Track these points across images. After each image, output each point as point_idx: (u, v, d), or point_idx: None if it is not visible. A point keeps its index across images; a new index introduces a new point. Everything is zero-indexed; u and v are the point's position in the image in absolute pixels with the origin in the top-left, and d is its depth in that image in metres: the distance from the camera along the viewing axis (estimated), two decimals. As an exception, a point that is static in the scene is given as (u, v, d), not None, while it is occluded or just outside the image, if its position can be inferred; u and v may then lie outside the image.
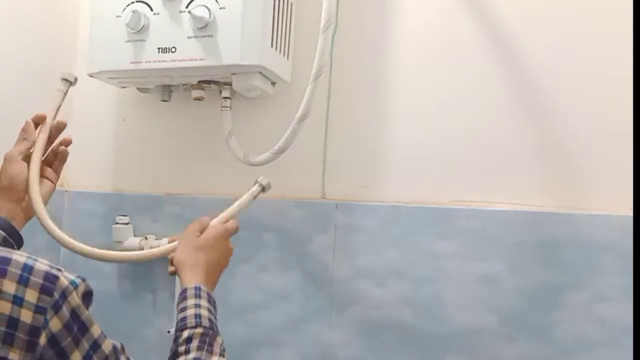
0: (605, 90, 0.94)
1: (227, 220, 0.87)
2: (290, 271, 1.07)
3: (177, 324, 0.74)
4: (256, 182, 0.91)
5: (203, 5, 0.97)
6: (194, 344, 0.71)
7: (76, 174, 1.21)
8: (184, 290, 0.77)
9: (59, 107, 0.92)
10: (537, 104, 0.97)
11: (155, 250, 0.88)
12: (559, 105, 0.96)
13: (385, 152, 1.05)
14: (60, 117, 1.20)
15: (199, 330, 0.72)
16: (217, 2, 0.97)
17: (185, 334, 0.72)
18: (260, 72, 1.00)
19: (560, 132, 0.96)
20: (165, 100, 1.14)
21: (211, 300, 0.78)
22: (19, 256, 0.55)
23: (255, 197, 0.90)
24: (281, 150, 0.98)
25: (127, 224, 1.15)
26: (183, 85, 1.10)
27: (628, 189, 0.88)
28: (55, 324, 0.54)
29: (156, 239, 1.14)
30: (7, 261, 0.54)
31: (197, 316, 0.73)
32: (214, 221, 0.86)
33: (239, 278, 1.10)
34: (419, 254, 1.00)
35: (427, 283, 0.99)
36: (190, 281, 0.78)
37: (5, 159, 0.86)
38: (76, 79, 0.93)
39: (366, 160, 1.06)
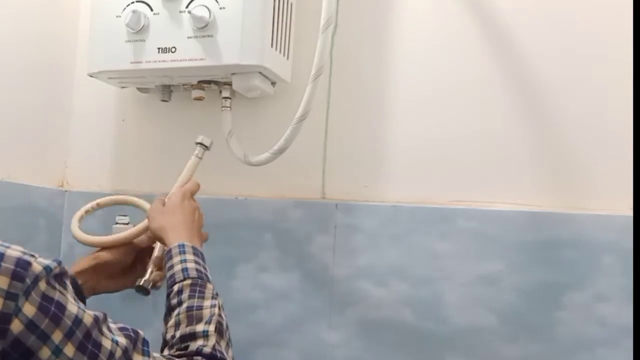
0: (605, 89, 0.94)
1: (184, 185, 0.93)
2: (290, 271, 1.07)
3: (167, 283, 0.77)
4: (197, 143, 0.96)
5: (203, 5, 0.97)
6: (185, 294, 0.74)
7: (76, 174, 1.21)
8: (169, 251, 0.80)
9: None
10: (537, 104, 0.97)
11: (132, 231, 0.94)
12: (559, 105, 0.96)
13: (385, 152, 1.05)
14: (70, 121, 1.21)
15: (187, 282, 0.75)
16: (217, 2, 0.97)
17: (175, 288, 0.75)
18: (260, 72, 1.00)
19: (560, 132, 0.96)
20: (165, 100, 1.14)
21: (197, 253, 0.80)
22: None
23: (201, 158, 0.96)
24: (281, 150, 0.98)
25: (127, 224, 1.15)
26: (183, 85, 1.10)
27: (628, 189, 0.88)
28: (28, 309, 0.52)
29: (156, 239, 1.14)
30: None
31: (184, 270, 0.77)
32: (172, 190, 0.93)
33: (239, 278, 1.10)
34: (419, 254, 1.00)
35: (427, 283, 0.99)
36: (173, 242, 0.81)
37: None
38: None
39: (366, 160, 1.06)
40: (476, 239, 0.97)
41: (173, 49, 0.99)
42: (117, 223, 1.14)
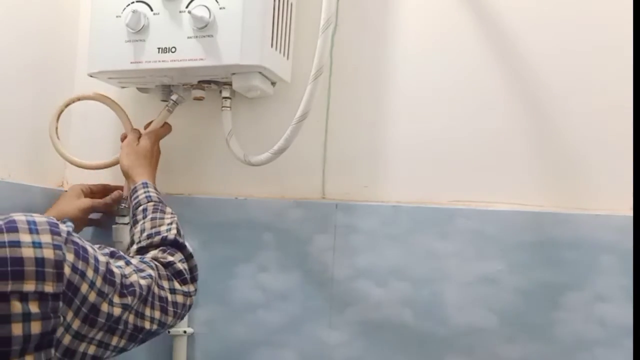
0: (605, 89, 0.94)
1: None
2: (290, 271, 1.07)
3: (132, 210, 0.96)
4: (170, 99, 1.11)
5: (203, 5, 0.97)
6: (149, 211, 0.93)
7: (76, 174, 1.21)
8: (134, 188, 0.99)
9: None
10: (537, 104, 0.97)
11: (111, 160, 1.14)
12: (559, 105, 0.96)
13: (385, 152, 1.05)
14: (70, 121, 1.21)
15: (151, 203, 0.94)
16: (217, 2, 0.97)
17: (140, 208, 0.94)
18: (260, 72, 1.00)
19: (560, 132, 0.96)
20: (165, 100, 1.14)
21: (157, 190, 0.99)
22: (18, 215, 0.62)
23: (171, 112, 1.11)
24: (281, 150, 0.98)
25: (127, 223, 1.15)
26: (183, 85, 1.10)
27: (628, 189, 0.88)
28: (69, 256, 0.64)
29: (156, 239, 1.14)
30: (12, 221, 0.61)
31: (148, 197, 0.96)
32: (147, 130, 1.09)
33: (239, 278, 1.10)
34: (419, 254, 1.00)
35: (427, 283, 0.99)
36: (138, 180, 0.99)
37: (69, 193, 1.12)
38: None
39: (366, 160, 1.06)
40: (476, 239, 0.97)
41: (173, 49, 0.99)
42: (116, 223, 1.15)
